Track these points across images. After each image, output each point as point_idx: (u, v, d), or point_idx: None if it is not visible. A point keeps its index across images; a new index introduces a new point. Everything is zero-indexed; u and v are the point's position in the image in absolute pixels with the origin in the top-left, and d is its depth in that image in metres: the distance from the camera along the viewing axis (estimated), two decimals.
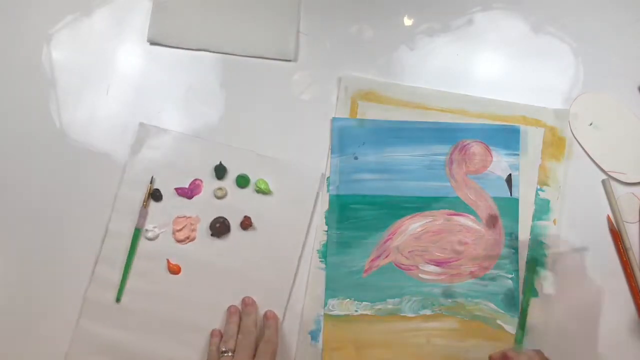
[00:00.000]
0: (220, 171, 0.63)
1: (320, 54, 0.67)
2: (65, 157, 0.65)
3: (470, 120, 0.65)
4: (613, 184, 0.65)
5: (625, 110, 0.66)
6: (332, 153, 0.65)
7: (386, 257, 0.63)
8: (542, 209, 0.64)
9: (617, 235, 0.64)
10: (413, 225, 0.64)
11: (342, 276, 0.63)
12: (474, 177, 0.65)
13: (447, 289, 0.63)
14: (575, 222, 0.64)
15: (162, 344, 0.61)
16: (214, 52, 0.67)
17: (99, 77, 0.67)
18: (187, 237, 0.62)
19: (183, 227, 0.62)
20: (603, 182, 0.65)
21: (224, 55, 0.67)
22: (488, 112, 0.66)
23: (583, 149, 0.65)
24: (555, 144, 0.65)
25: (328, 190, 0.64)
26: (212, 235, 0.62)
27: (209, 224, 0.62)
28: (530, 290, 0.63)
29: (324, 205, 0.64)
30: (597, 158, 0.65)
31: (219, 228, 0.62)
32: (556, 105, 0.66)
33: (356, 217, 0.64)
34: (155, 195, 0.63)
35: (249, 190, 0.64)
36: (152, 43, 0.67)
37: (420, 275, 0.63)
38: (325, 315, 0.62)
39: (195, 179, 0.63)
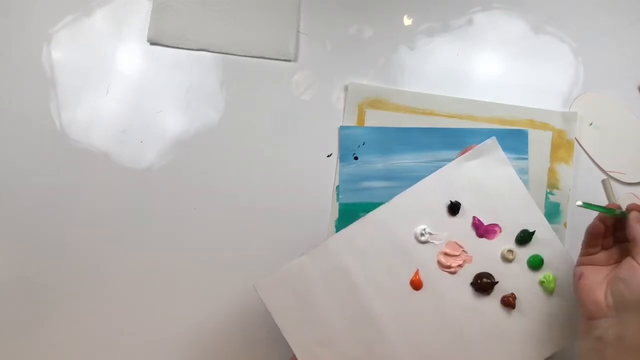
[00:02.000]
0: (524, 238, 0.57)
1: (320, 54, 0.67)
2: (65, 157, 0.65)
3: (477, 125, 0.65)
4: (613, 184, 0.65)
5: (625, 110, 0.66)
6: (340, 162, 0.65)
7: None
8: (552, 212, 0.64)
9: None
10: None
11: None
12: None
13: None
14: (575, 223, 0.64)
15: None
16: (214, 52, 0.67)
17: (99, 77, 0.67)
18: (450, 268, 0.57)
19: (455, 256, 0.57)
20: (603, 182, 0.65)
21: (224, 55, 0.67)
22: (495, 116, 0.65)
23: (583, 149, 0.65)
24: (564, 147, 0.65)
25: (338, 199, 0.64)
26: (471, 284, 0.57)
27: (476, 272, 0.57)
28: None
29: (334, 214, 0.64)
30: (597, 158, 0.65)
31: (481, 284, 0.56)
32: (556, 105, 0.66)
33: None
34: (454, 207, 0.58)
35: (534, 275, 0.57)
36: (152, 43, 0.67)
37: None
38: None
39: (497, 225, 0.58)
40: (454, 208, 0.58)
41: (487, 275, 0.57)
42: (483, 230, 0.58)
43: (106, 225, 0.64)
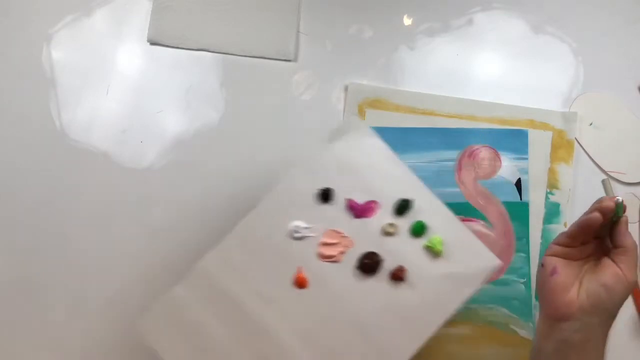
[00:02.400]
0: (403, 208, 0.55)
1: (320, 54, 0.67)
2: (65, 157, 0.65)
3: (477, 125, 0.65)
4: (613, 184, 0.65)
5: (625, 110, 0.66)
6: None
7: None
8: (552, 212, 0.64)
9: None
10: None
11: None
12: (483, 182, 0.64)
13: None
14: None
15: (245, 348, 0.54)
16: (214, 52, 0.67)
17: (99, 77, 0.67)
18: (332, 257, 0.55)
19: (334, 244, 0.56)
20: (603, 182, 0.65)
21: (224, 55, 0.67)
22: (495, 116, 0.66)
23: (583, 149, 0.65)
24: (564, 147, 0.65)
25: None
26: (357, 267, 0.55)
27: (360, 255, 0.55)
28: None
29: None
30: (597, 158, 0.65)
31: (368, 265, 0.55)
32: (556, 105, 0.66)
33: None
34: (325, 194, 0.55)
35: (418, 242, 0.56)
36: (152, 43, 0.67)
37: None
38: None
39: (373, 201, 0.56)
40: (324, 195, 0.56)
41: (371, 255, 0.55)
42: (359, 210, 0.56)
43: (106, 225, 0.64)
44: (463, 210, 0.64)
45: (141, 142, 0.65)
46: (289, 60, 0.67)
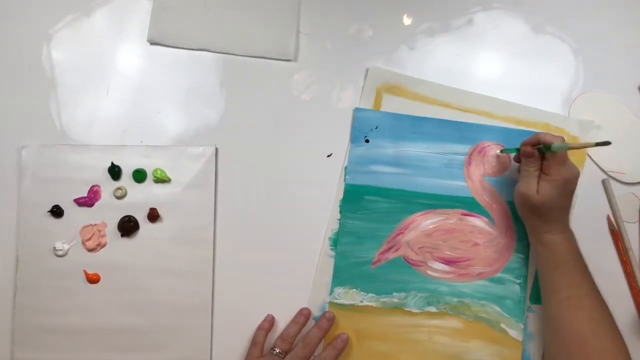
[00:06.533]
0: (114, 172, 0.63)
1: (320, 54, 0.67)
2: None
3: (492, 122, 0.65)
4: (613, 184, 0.65)
5: (625, 110, 0.66)
6: (351, 142, 0.65)
7: (396, 250, 0.64)
8: None
9: (617, 235, 0.64)
10: (426, 221, 0.64)
11: (351, 266, 0.63)
12: (491, 180, 0.64)
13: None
14: (575, 223, 0.64)
15: (98, 354, 0.62)
16: (214, 52, 0.67)
17: (99, 77, 0.67)
18: (98, 244, 0.63)
19: (91, 236, 0.63)
20: (603, 182, 0.65)
21: (224, 55, 0.67)
22: (512, 116, 0.65)
23: None
24: (576, 154, 0.64)
25: (345, 180, 0.64)
26: (122, 236, 0.63)
27: (116, 226, 0.63)
28: (538, 297, 0.62)
29: (339, 193, 0.64)
30: (597, 158, 0.65)
31: (127, 227, 0.62)
32: (556, 105, 0.66)
33: (370, 208, 0.64)
34: (55, 212, 0.63)
35: (148, 183, 0.64)
36: (152, 43, 0.67)
37: (428, 272, 0.63)
38: (331, 302, 0.63)
39: (93, 186, 0.63)
40: (55, 213, 0.63)
41: (124, 218, 0.62)
42: (88, 199, 0.63)
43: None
44: (468, 205, 0.64)
45: (141, 142, 0.65)
46: (289, 60, 0.67)
